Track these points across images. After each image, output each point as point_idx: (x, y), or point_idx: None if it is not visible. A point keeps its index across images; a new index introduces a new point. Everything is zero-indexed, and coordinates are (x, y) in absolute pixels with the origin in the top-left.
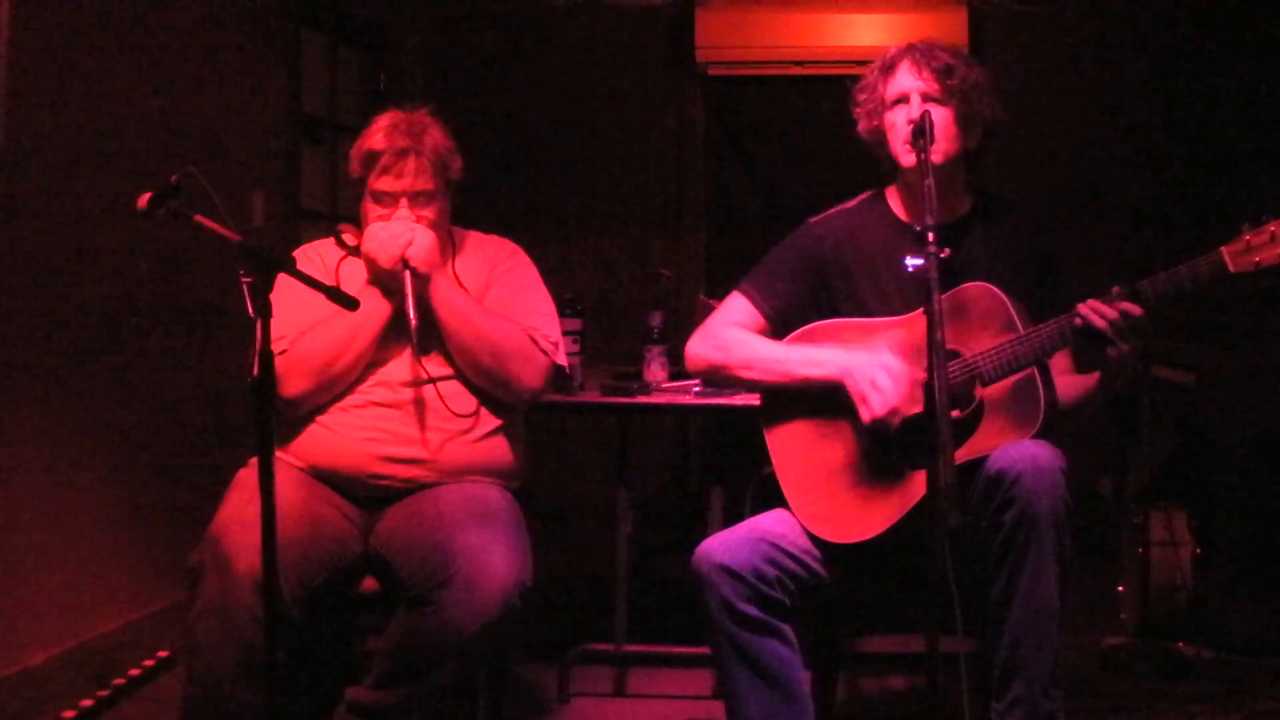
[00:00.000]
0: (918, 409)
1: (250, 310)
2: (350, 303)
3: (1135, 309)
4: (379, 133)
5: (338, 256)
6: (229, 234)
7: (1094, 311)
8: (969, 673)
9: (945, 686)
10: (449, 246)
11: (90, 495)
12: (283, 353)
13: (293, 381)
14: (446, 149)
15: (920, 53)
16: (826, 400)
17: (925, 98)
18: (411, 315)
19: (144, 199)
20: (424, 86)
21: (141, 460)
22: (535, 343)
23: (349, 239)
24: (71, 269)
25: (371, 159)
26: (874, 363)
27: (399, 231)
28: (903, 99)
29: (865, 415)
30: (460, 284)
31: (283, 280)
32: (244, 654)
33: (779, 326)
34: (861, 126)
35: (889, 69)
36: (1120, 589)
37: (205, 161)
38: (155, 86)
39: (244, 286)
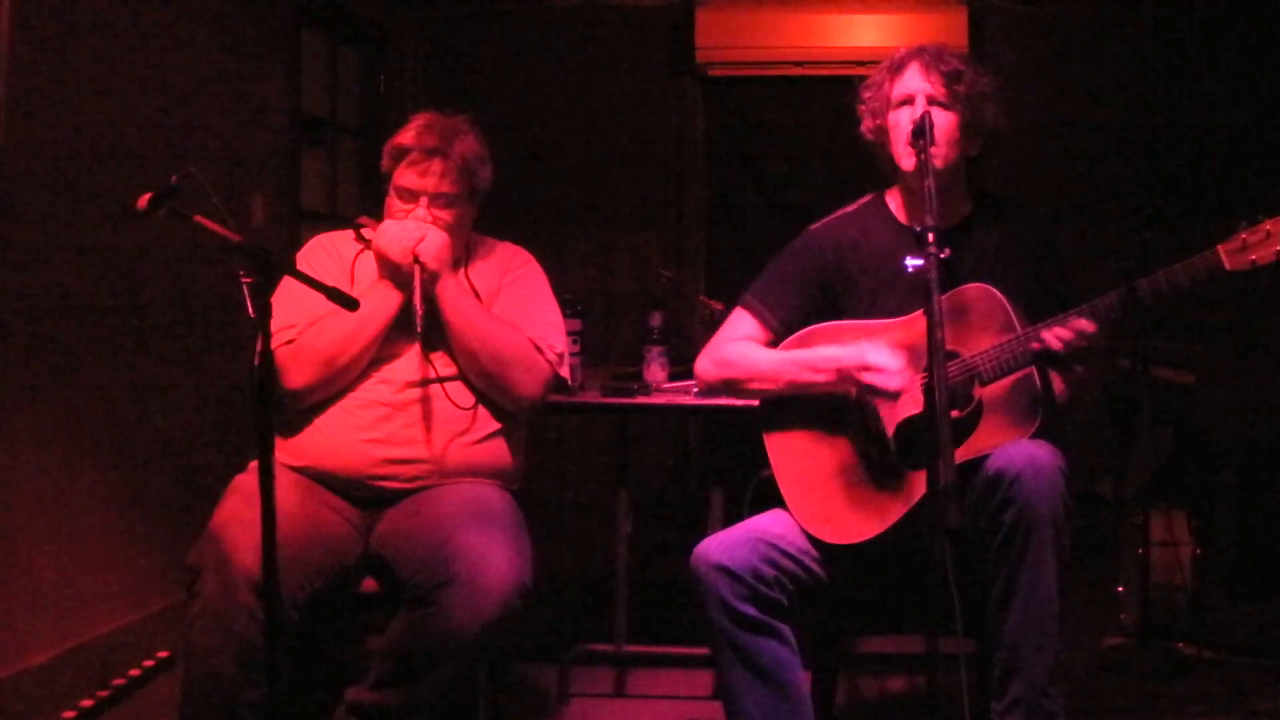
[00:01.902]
0: (917, 409)
1: (250, 311)
2: (350, 303)
3: (1089, 326)
4: (412, 130)
5: (355, 250)
6: (229, 234)
7: (1055, 338)
8: (969, 673)
9: (945, 686)
10: (464, 253)
11: (90, 496)
12: (289, 343)
13: (298, 373)
14: (475, 157)
15: (930, 55)
16: (825, 402)
17: (931, 100)
18: (418, 309)
19: (144, 199)
20: (424, 86)
21: (142, 461)
22: (540, 352)
23: (368, 233)
24: (72, 268)
25: (399, 154)
26: (865, 349)
27: (412, 228)
28: (908, 100)
29: (889, 395)
30: (473, 288)
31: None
32: (243, 653)
33: (784, 338)
34: (865, 126)
35: (897, 69)
36: (1120, 589)
37: (205, 161)
38: (155, 86)
39: (244, 287)
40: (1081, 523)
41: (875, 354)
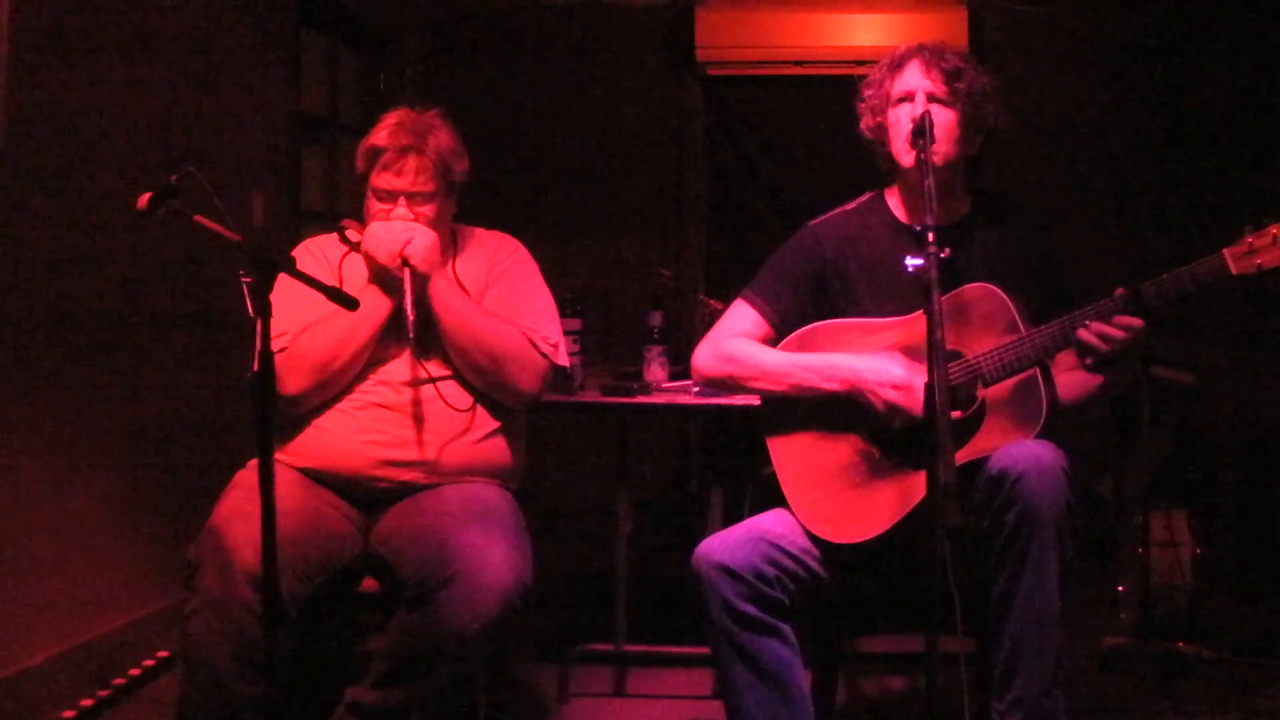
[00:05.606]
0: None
1: (250, 310)
2: (350, 302)
3: (1136, 321)
4: (384, 130)
5: (341, 253)
6: (229, 234)
7: (1094, 334)
8: (969, 673)
9: (945, 686)
10: (450, 245)
11: (90, 495)
12: (282, 350)
13: (292, 379)
14: (450, 151)
15: (930, 53)
16: (827, 402)
17: (930, 98)
18: (409, 313)
19: (144, 199)
20: (424, 86)
21: (142, 461)
22: (535, 346)
23: (352, 235)
24: (72, 269)
25: (374, 155)
26: (882, 376)
27: (399, 230)
28: (907, 97)
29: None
30: (460, 283)
31: (283, 278)
32: (241, 648)
33: (784, 332)
34: (864, 123)
35: (897, 66)
36: (1120, 589)
37: (205, 161)
38: (155, 86)
39: (244, 286)
40: (1081, 523)
41: (898, 371)
